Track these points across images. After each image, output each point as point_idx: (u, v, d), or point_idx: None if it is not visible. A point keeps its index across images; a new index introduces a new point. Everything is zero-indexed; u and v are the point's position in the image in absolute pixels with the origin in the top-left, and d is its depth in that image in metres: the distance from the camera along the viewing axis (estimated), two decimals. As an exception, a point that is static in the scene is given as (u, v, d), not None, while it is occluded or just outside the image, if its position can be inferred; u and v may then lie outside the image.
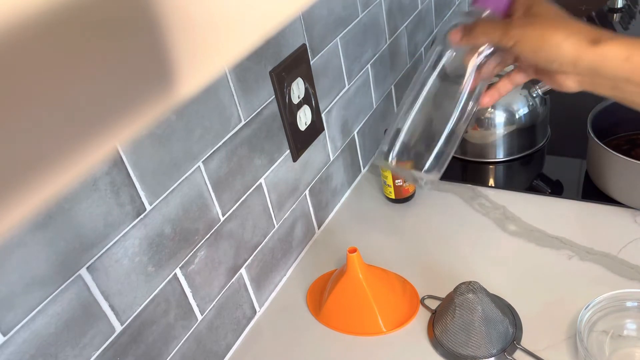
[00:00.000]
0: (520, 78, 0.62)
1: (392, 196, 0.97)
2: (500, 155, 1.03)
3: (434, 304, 0.78)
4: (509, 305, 0.75)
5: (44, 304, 0.51)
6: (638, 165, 0.81)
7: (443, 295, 0.76)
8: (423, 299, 0.79)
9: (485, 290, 0.70)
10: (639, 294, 0.69)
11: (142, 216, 0.60)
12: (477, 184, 0.99)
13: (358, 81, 1.00)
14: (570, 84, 0.56)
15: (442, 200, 0.97)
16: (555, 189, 0.95)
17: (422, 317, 0.78)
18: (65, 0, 0.13)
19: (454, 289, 0.71)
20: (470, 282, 0.70)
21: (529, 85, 0.97)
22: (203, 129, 0.66)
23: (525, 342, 0.71)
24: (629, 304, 0.69)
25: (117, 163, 0.57)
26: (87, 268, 0.55)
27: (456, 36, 0.55)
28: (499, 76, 0.63)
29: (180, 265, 0.67)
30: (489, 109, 0.98)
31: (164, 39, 0.16)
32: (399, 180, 0.95)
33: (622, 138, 0.95)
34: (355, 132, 1.02)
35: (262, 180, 0.79)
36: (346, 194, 1.03)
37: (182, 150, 0.64)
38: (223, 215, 0.72)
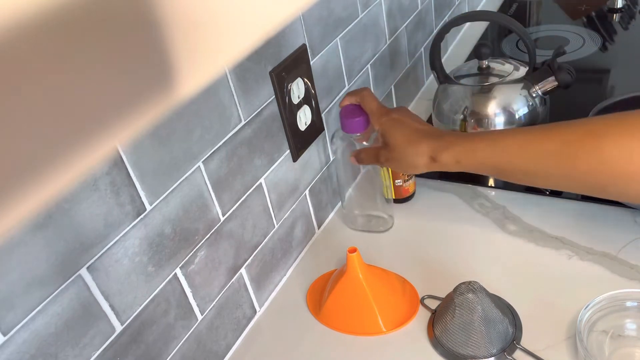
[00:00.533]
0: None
1: (392, 196, 0.96)
2: (500, 155, 1.03)
3: (434, 304, 0.78)
4: (509, 305, 0.76)
5: (44, 304, 0.51)
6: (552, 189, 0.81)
7: (443, 295, 0.76)
8: (423, 299, 0.79)
9: (485, 290, 0.70)
10: (639, 293, 0.70)
11: (142, 216, 0.60)
12: (477, 184, 0.99)
13: (358, 81, 1.00)
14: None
15: (442, 200, 0.97)
16: (555, 189, 0.95)
17: (422, 317, 0.78)
18: (64, 0, 0.13)
19: (454, 289, 0.71)
20: (470, 282, 0.70)
21: (529, 85, 0.97)
22: (203, 129, 0.67)
23: (525, 342, 0.71)
24: (628, 303, 0.69)
25: (117, 163, 0.57)
26: (87, 268, 0.55)
27: (353, 160, 0.81)
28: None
29: (180, 265, 0.67)
30: (489, 109, 0.98)
31: (164, 39, 0.16)
32: (399, 180, 0.95)
33: (622, 138, 0.95)
34: (355, 132, 1.02)
35: (262, 180, 0.79)
36: (347, 193, 1.03)
37: (182, 150, 0.64)
38: (223, 215, 0.73)
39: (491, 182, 1.00)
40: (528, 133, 0.64)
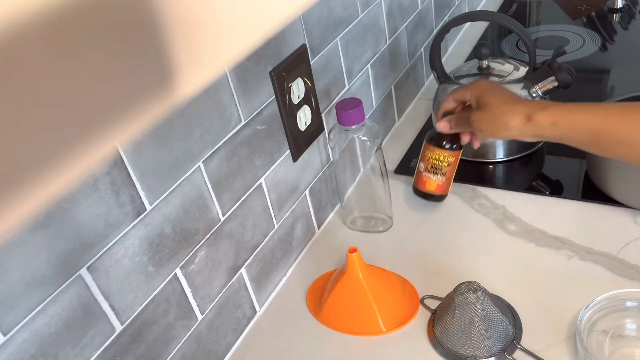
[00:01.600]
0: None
1: (413, 183, 0.92)
2: (500, 155, 1.03)
3: (434, 304, 0.78)
4: (509, 305, 0.76)
5: (44, 304, 0.51)
6: (638, 165, 0.81)
7: (443, 295, 0.76)
8: (423, 299, 0.79)
9: (485, 290, 0.70)
10: (639, 293, 0.70)
11: (142, 216, 0.60)
12: (477, 184, 0.99)
13: (358, 81, 1.00)
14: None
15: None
16: (555, 189, 0.95)
17: (422, 317, 0.78)
18: (64, 0, 0.13)
19: (454, 289, 0.71)
20: (470, 282, 0.70)
21: (529, 85, 0.97)
22: (203, 129, 0.67)
23: (525, 342, 0.71)
24: (628, 303, 0.69)
25: (117, 163, 0.57)
26: (88, 268, 0.55)
27: (444, 125, 0.83)
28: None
29: (180, 265, 0.67)
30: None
31: (164, 39, 0.16)
32: (422, 165, 0.89)
33: (622, 138, 0.95)
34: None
35: (262, 180, 0.79)
36: (347, 194, 1.03)
37: (182, 150, 0.64)
38: (223, 215, 0.73)
39: (491, 182, 1.00)
40: (630, 103, 0.64)
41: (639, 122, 0.61)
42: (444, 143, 0.87)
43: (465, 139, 0.85)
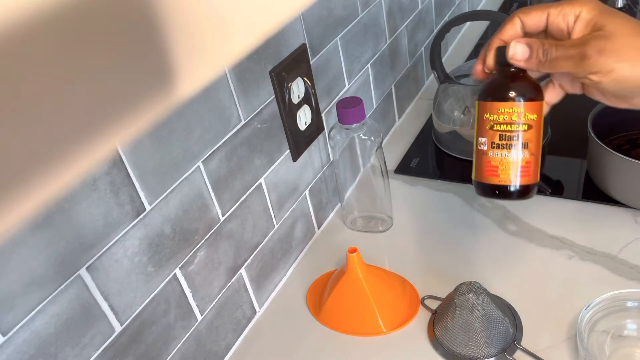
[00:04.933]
0: (555, 96, 0.54)
1: (473, 175, 0.61)
2: (500, 155, 1.03)
3: (434, 304, 0.78)
4: (509, 305, 0.75)
5: (43, 304, 0.51)
6: (638, 165, 0.81)
7: (443, 295, 0.76)
8: (423, 299, 0.79)
9: (485, 290, 0.70)
10: (639, 294, 0.69)
11: (141, 216, 0.60)
12: (477, 184, 0.98)
13: (358, 81, 1.00)
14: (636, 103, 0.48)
15: (442, 200, 0.97)
16: (556, 189, 0.95)
17: (422, 317, 0.78)
18: (64, 0, 0.13)
19: (454, 289, 0.70)
20: (470, 282, 0.70)
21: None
22: (203, 128, 0.66)
23: (525, 342, 0.71)
24: (629, 304, 0.69)
25: (117, 163, 0.56)
26: (87, 268, 0.55)
27: (525, 51, 0.48)
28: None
29: (180, 265, 0.67)
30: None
31: (164, 39, 0.16)
32: (483, 138, 0.56)
33: (622, 138, 0.95)
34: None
35: (262, 180, 0.79)
36: (347, 194, 1.03)
37: (181, 150, 0.64)
38: (223, 215, 0.72)
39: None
40: None
41: None
42: (515, 93, 0.52)
43: (553, 93, 0.52)
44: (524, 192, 0.55)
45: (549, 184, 0.97)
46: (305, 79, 0.83)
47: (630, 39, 0.44)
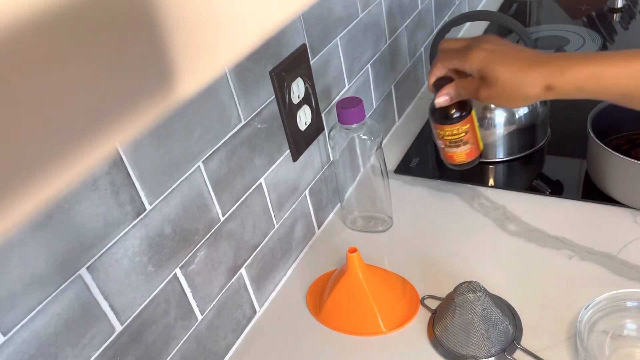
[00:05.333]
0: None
1: (445, 159, 0.84)
2: (500, 155, 1.03)
3: (434, 304, 0.78)
4: (509, 305, 0.75)
5: (43, 304, 0.51)
6: (638, 165, 0.81)
7: (443, 295, 0.76)
8: (423, 299, 0.79)
9: (485, 290, 0.70)
10: (639, 294, 0.70)
11: (142, 216, 0.60)
12: (477, 184, 0.99)
13: (358, 81, 1.00)
14: None
15: (442, 200, 0.97)
16: (555, 189, 0.95)
17: (422, 317, 0.78)
18: (64, 0, 0.13)
19: (454, 289, 0.71)
20: (470, 282, 0.70)
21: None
22: (203, 128, 0.66)
23: (525, 342, 0.71)
24: (629, 303, 0.69)
25: (117, 163, 0.57)
26: (87, 268, 0.55)
27: (446, 100, 0.73)
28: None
29: (180, 265, 0.67)
30: (489, 109, 0.98)
31: (164, 39, 0.16)
32: (440, 142, 0.81)
33: (622, 138, 0.95)
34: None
35: (262, 180, 0.79)
36: (347, 194, 1.03)
37: (182, 150, 0.64)
38: (223, 215, 0.72)
39: (491, 182, 1.00)
40: None
41: None
42: (451, 115, 0.76)
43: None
44: (471, 163, 0.82)
45: (549, 184, 0.97)
46: (305, 79, 0.83)
47: (504, 84, 0.64)
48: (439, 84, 0.73)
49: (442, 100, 0.72)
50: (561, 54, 0.63)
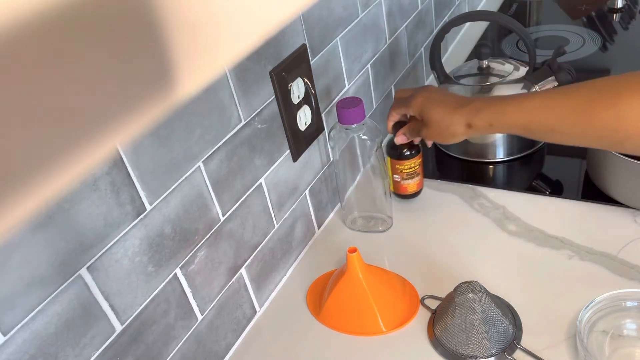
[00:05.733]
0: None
1: (392, 189, 0.97)
2: (500, 155, 1.03)
3: (434, 304, 0.78)
4: (509, 305, 0.76)
5: (44, 304, 0.51)
6: (638, 165, 0.81)
7: (443, 295, 0.76)
8: (423, 298, 0.79)
9: (485, 290, 0.70)
10: (639, 294, 0.70)
11: (142, 216, 0.60)
12: (477, 184, 0.99)
13: (358, 81, 1.00)
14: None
15: (442, 200, 0.97)
16: (555, 189, 0.95)
17: (422, 317, 0.78)
18: (64, 0, 0.13)
19: (454, 289, 0.71)
20: (470, 281, 0.70)
21: (529, 85, 0.96)
22: (203, 128, 0.67)
23: (525, 342, 0.71)
24: (629, 303, 0.69)
25: (117, 163, 0.57)
26: (87, 268, 0.55)
27: (400, 138, 0.86)
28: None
29: (180, 265, 0.67)
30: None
31: (164, 39, 0.16)
32: (397, 176, 0.95)
33: (622, 138, 0.95)
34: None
35: (262, 180, 0.79)
36: (347, 194, 1.03)
37: (182, 150, 0.64)
38: (223, 215, 0.72)
39: (491, 182, 1.00)
40: (551, 93, 0.68)
41: (561, 111, 0.65)
42: (407, 151, 0.92)
43: (417, 140, 0.90)
44: (419, 193, 0.99)
45: (549, 184, 0.97)
46: (305, 79, 0.83)
47: (437, 124, 0.77)
48: (396, 127, 0.87)
49: (399, 139, 0.86)
50: (481, 98, 0.75)
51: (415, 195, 0.98)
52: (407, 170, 0.93)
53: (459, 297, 0.69)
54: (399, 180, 0.95)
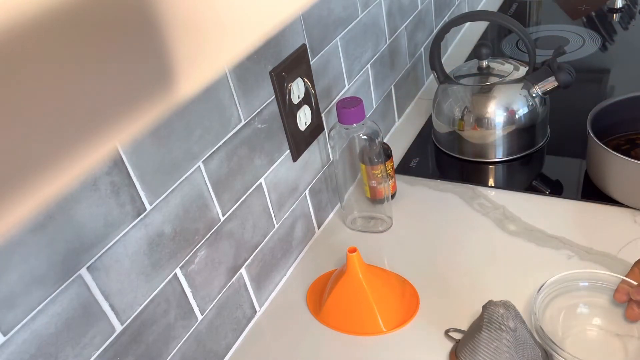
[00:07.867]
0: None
1: (369, 196, 0.94)
2: (500, 155, 1.03)
3: (457, 335, 0.73)
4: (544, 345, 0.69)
5: (44, 304, 0.51)
6: (638, 165, 0.81)
7: (443, 295, 0.76)
8: (447, 331, 0.74)
9: (517, 311, 0.66)
10: (590, 273, 0.71)
11: (142, 216, 0.60)
12: (477, 184, 0.99)
13: (358, 81, 1.00)
14: None
15: (442, 200, 0.97)
16: (555, 189, 0.95)
17: (422, 317, 0.78)
18: (64, 0, 0.13)
19: (483, 306, 0.66)
20: (502, 300, 0.66)
21: (529, 85, 0.97)
22: (203, 129, 0.67)
23: None
24: (581, 284, 0.71)
25: (117, 163, 0.57)
26: (88, 268, 0.55)
27: (620, 298, 0.72)
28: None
29: (180, 265, 0.67)
30: (489, 109, 0.98)
31: (164, 39, 0.16)
32: (373, 182, 0.92)
33: (622, 138, 0.95)
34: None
35: (262, 180, 0.79)
36: (347, 194, 1.03)
37: (182, 150, 0.64)
38: (223, 215, 0.73)
39: (491, 182, 1.00)
40: None
41: None
42: (381, 159, 0.90)
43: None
44: (394, 195, 0.98)
45: (549, 184, 0.97)
46: (305, 79, 0.83)
47: None
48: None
49: (618, 297, 0.73)
50: None
51: (392, 197, 0.96)
52: (382, 174, 0.91)
53: (488, 310, 0.65)
54: (375, 185, 0.92)
